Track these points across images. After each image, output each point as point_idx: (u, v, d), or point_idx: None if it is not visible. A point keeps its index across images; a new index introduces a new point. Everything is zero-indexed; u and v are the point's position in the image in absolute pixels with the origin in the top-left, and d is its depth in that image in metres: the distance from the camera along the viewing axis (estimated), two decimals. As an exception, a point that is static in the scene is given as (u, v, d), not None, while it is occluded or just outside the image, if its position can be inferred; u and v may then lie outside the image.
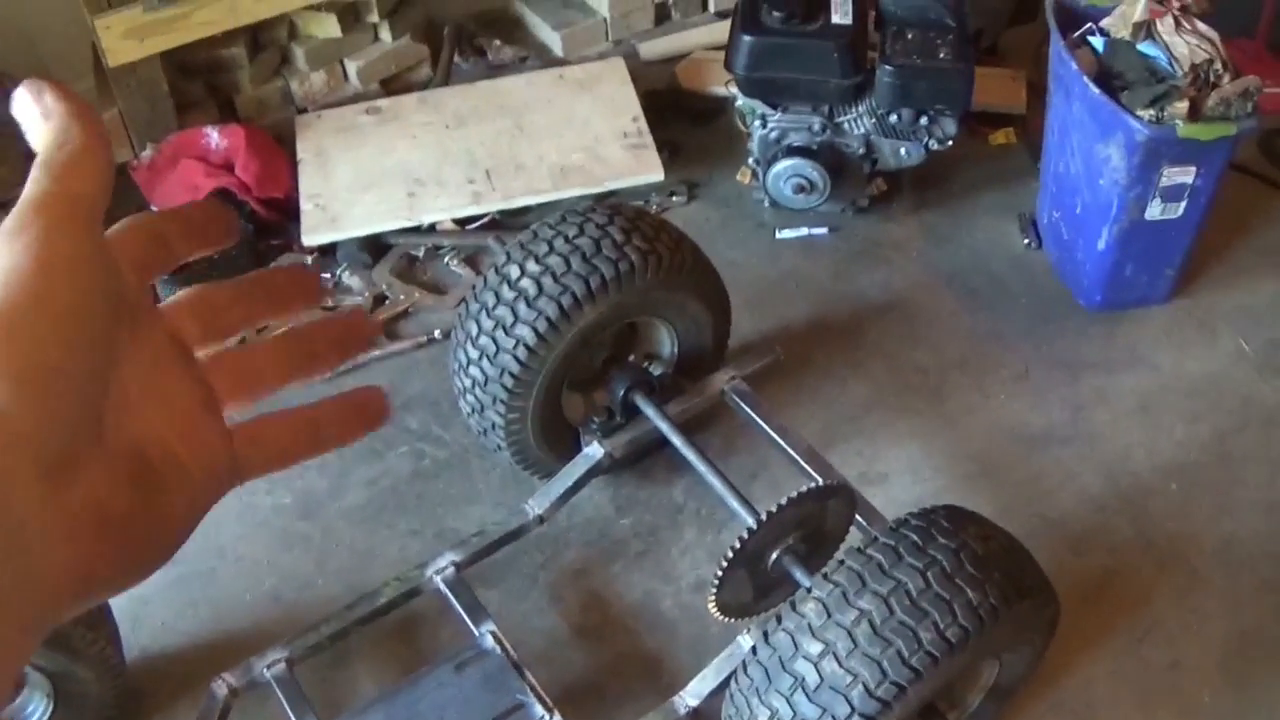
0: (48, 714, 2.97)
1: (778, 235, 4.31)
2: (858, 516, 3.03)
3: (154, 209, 4.37)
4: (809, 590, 2.55)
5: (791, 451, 3.23)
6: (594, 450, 3.28)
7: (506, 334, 3.12)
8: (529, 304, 3.10)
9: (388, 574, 3.23)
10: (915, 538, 2.55)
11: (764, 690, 2.51)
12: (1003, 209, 4.38)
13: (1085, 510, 3.50)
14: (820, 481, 3.03)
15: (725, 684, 2.80)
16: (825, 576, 2.55)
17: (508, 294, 3.14)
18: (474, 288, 3.26)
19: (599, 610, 3.35)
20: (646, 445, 3.38)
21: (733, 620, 2.94)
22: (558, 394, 3.29)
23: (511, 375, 3.14)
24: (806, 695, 2.45)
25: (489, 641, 2.99)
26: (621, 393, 3.30)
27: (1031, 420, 3.73)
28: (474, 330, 3.19)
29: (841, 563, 2.56)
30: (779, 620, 2.55)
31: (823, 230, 4.31)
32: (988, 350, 3.92)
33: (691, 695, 2.87)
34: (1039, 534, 3.34)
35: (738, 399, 3.37)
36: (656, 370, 3.42)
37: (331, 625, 3.05)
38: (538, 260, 3.14)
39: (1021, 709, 3.08)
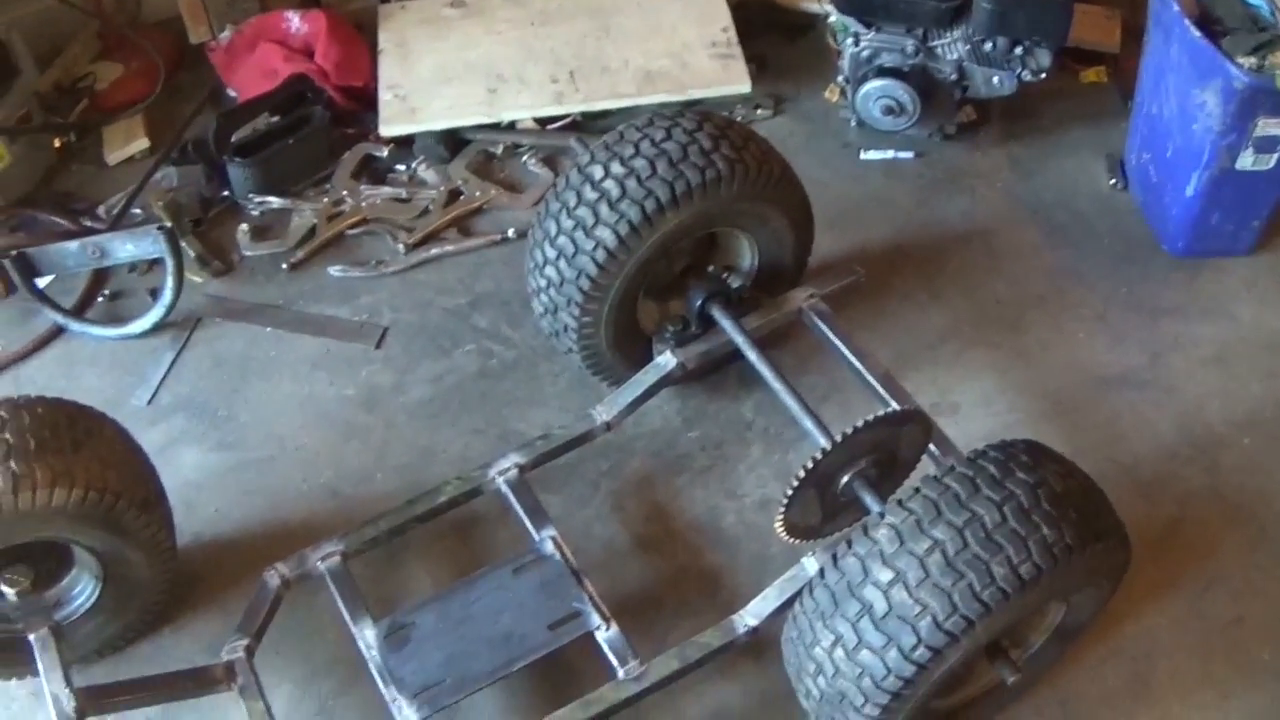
0: (96, 595, 2.95)
1: (862, 156, 4.24)
2: (931, 446, 2.98)
3: (230, 91, 4.35)
4: (881, 516, 2.50)
5: (868, 375, 3.18)
6: (666, 359, 3.24)
7: (586, 235, 3.07)
8: (611, 206, 3.05)
9: (448, 472, 3.21)
10: (994, 470, 2.50)
11: (829, 615, 2.48)
12: (1090, 147, 4.30)
13: (1157, 457, 3.44)
14: (896, 407, 2.99)
15: (787, 605, 2.77)
16: (900, 503, 2.50)
17: (590, 194, 3.09)
18: (555, 186, 3.22)
19: (661, 522, 3.32)
20: (719, 358, 3.33)
21: (797, 541, 2.91)
22: (634, 300, 3.25)
23: (589, 278, 3.10)
24: (873, 623, 2.41)
25: (549, 547, 2.96)
26: (699, 303, 3.26)
27: (1108, 361, 3.67)
28: (553, 229, 3.14)
29: (917, 490, 2.51)
30: (849, 545, 2.50)
31: (908, 154, 4.25)
32: (1067, 287, 3.85)
33: (751, 615, 2.84)
34: (1109, 477, 3.25)
35: (816, 318, 3.32)
36: (735, 283, 3.36)
37: (389, 521, 3.03)
38: (623, 162, 3.09)
39: (1081, 652, 3.05)
